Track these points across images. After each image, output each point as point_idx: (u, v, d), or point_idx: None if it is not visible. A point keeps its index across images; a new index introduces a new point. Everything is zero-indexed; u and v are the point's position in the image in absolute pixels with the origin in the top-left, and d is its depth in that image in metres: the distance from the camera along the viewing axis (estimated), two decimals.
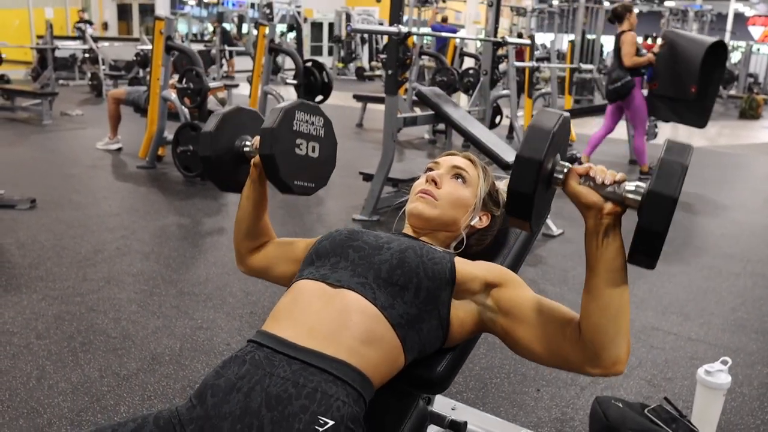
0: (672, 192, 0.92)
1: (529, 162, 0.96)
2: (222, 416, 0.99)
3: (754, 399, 2.27)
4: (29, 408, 1.99)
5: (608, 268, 1.02)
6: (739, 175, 6.76)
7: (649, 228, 0.95)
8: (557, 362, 1.10)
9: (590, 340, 1.04)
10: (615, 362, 1.03)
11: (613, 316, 1.02)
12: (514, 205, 0.99)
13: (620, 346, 1.03)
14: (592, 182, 1.01)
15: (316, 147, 1.41)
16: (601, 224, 1.01)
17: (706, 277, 3.48)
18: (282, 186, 1.35)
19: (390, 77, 4.24)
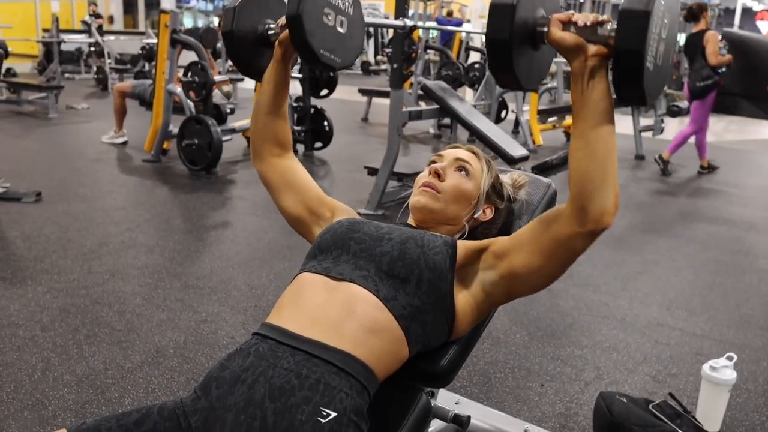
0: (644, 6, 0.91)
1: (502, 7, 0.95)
2: (226, 407, 1.00)
3: (760, 395, 2.26)
4: (34, 400, 1.99)
5: (594, 110, 1.01)
6: (745, 171, 6.72)
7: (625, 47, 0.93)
8: (555, 251, 1.09)
9: (578, 193, 1.03)
10: (602, 213, 1.01)
11: (599, 162, 1.01)
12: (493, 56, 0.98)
13: (607, 196, 1.01)
14: (574, 27, 1.00)
15: (344, 22, 1.34)
16: (586, 66, 1.00)
17: (712, 272, 3.47)
18: (307, 51, 1.26)
19: (395, 71, 4.22)
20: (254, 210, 4.25)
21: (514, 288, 1.17)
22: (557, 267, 1.11)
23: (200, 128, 5.01)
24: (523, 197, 1.42)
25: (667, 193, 5.28)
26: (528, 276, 1.13)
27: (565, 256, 1.09)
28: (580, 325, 2.71)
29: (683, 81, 13.87)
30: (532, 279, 1.14)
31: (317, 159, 5.98)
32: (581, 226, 1.03)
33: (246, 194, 4.68)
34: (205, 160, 5.03)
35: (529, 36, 1.01)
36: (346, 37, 1.34)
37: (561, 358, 2.44)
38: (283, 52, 1.32)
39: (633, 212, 4.64)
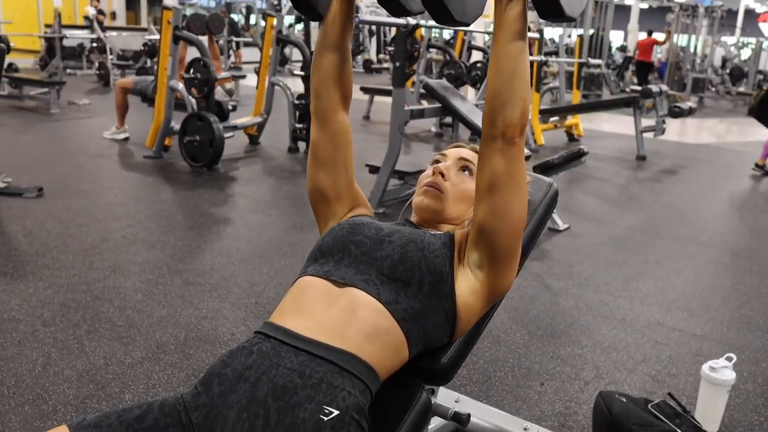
0: None
1: None
2: (228, 405, 1.00)
3: (758, 396, 2.26)
4: (35, 394, 2.00)
5: (507, 29, 1.07)
6: (747, 172, 6.72)
7: None
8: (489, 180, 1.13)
9: (489, 110, 1.11)
10: (507, 125, 1.09)
11: (506, 78, 1.08)
12: None
13: (514, 109, 1.09)
14: None
15: None
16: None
17: (713, 273, 3.47)
18: None
19: (398, 70, 4.23)
20: (255, 207, 4.25)
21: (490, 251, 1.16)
22: (501, 197, 1.13)
23: (202, 125, 5.01)
24: None
25: (668, 194, 5.28)
26: (487, 223, 1.14)
27: (497, 181, 1.12)
28: (580, 325, 2.72)
29: (685, 82, 13.87)
30: (491, 223, 1.14)
31: None
32: (493, 140, 1.11)
33: (247, 191, 4.68)
34: (207, 156, 5.03)
35: None
36: None
37: (561, 357, 2.44)
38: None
39: (634, 213, 4.64)
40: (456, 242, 1.21)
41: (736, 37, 18.66)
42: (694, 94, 13.56)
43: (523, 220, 1.16)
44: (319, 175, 1.35)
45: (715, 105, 14.01)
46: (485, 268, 1.18)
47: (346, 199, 1.37)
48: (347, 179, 1.37)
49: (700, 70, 14.59)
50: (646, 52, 14.28)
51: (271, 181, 5.04)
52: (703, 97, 13.85)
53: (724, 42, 17.02)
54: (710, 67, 15.08)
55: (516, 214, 1.14)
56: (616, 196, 5.26)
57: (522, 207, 1.15)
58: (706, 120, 11.30)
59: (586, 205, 4.81)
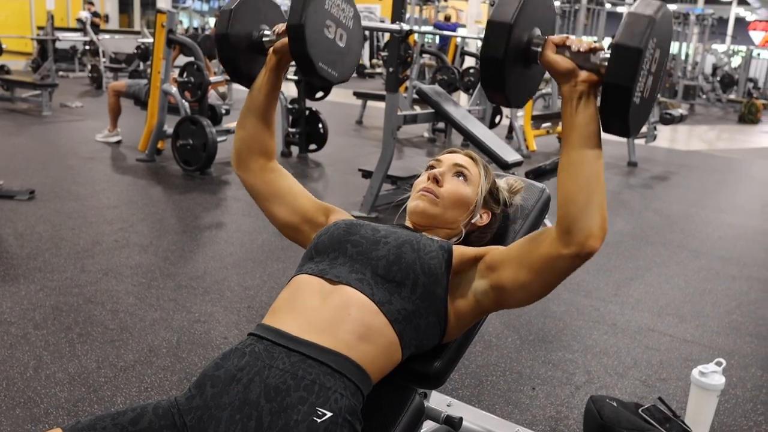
0: (636, 43, 0.90)
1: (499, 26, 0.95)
2: (221, 406, 1.00)
3: (748, 401, 2.28)
4: (26, 398, 1.99)
5: (581, 133, 1.01)
6: (736, 179, 6.77)
7: (614, 82, 0.93)
8: (541, 270, 1.07)
9: (563, 215, 1.03)
10: (587, 235, 1.00)
11: (584, 184, 1.01)
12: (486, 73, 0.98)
13: (593, 217, 1.01)
14: (568, 51, 1.01)
15: (344, 36, 1.32)
16: (576, 91, 1.01)
17: (703, 279, 3.50)
18: (306, 63, 1.24)
19: (391, 75, 4.24)
20: (248, 211, 4.25)
21: (502, 300, 1.16)
22: (543, 286, 1.10)
23: (195, 129, 5.01)
24: (518, 202, 1.44)
25: (659, 200, 5.32)
26: (514, 291, 1.12)
27: (551, 277, 1.08)
28: (571, 330, 2.73)
29: (676, 89, 13.97)
30: (519, 294, 1.13)
31: (311, 161, 5.99)
32: (566, 248, 1.02)
33: (240, 195, 4.68)
34: (200, 160, 5.02)
35: (523, 55, 1.01)
36: (345, 51, 1.33)
37: (552, 362, 2.45)
38: (277, 61, 1.30)
39: (625, 219, 4.67)
40: (456, 256, 1.20)
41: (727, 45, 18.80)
42: (685, 101, 13.65)
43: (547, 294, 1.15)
44: (272, 211, 1.37)
45: (705, 112, 14.12)
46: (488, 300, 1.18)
47: (313, 214, 1.37)
48: (301, 200, 1.37)
49: (690, 78, 14.70)
50: None
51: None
52: (694, 104, 13.95)
53: (715, 49, 17.14)
54: (701, 75, 15.20)
55: (547, 294, 1.13)
56: (607, 202, 5.28)
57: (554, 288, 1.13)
58: (696, 127, 11.39)
59: None
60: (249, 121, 1.35)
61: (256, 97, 1.34)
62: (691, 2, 19.57)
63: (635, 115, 0.98)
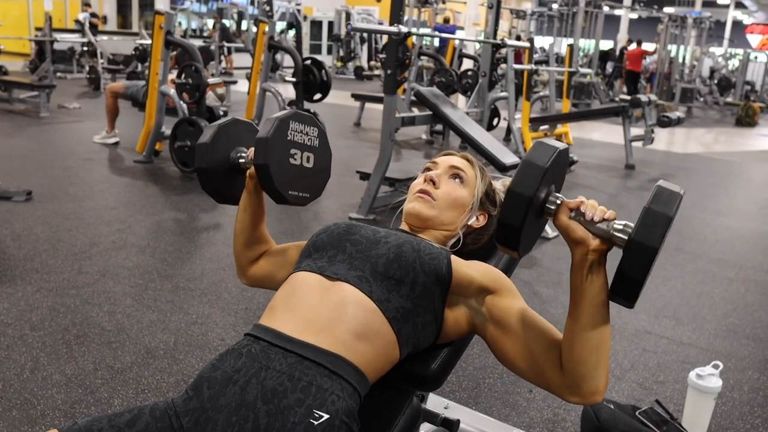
0: (653, 243, 0.94)
1: (520, 197, 0.97)
2: (218, 408, 1.00)
3: (744, 404, 2.28)
4: (23, 399, 1.99)
5: (591, 303, 1.02)
6: (734, 181, 6.78)
7: (628, 274, 0.96)
8: (538, 382, 1.12)
9: (571, 370, 1.05)
10: (593, 392, 1.05)
11: (594, 348, 1.03)
12: (503, 234, 1.00)
13: (599, 377, 1.04)
14: (582, 217, 1.02)
15: (311, 157, 1.41)
16: (587, 260, 1.01)
17: (700, 281, 3.50)
18: (277, 196, 1.35)
19: (389, 77, 4.24)
20: None
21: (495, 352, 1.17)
22: (535, 383, 1.13)
23: (193, 130, 5.01)
24: None
25: None
26: (508, 362, 1.15)
27: (546, 390, 1.12)
28: None
29: (674, 92, 14.00)
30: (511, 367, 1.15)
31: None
32: (571, 395, 1.07)
33: None
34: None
35: (538, 211, 1.03)
36: (314, 170, 1.42)
37: None
38: (255, 184, 1.37)
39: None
40: (459, 271, 1.18)
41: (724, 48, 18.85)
42: (683, 104, 13.68)
43: None
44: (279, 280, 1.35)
45: (703, 115, 14.15)
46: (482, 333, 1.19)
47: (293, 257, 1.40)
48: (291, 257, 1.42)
49: (688, 81, 14.73)
50: (636, 62, 14.41)
51: None
52: (692, 107, 13.98)
53: (712, 53, 17.19)
54: (698, 78, 15.23)
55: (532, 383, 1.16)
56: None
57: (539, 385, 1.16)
58: (694, 130, 11.41)
59: None
60: (240, 238, 1.44)
61: (242, 218, 1.43)
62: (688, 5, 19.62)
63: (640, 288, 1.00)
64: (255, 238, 1.44)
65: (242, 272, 1.48)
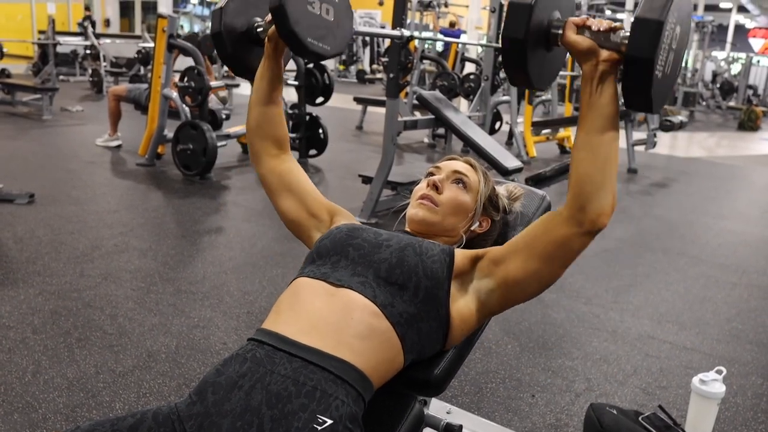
0: (657, 15, 0.92)
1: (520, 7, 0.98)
2: (222, 414, 1.00)
3: (748, 409, 2.27)
4: (24, 403, 1.98)
5: (600, 113, 1.03)
6: (736, 186, 6.77)
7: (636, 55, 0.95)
8: (553, 253, 1.10)
9: (578, 194, 1.06)
10: (599, 213, 1.05)
11: (601, 164, 1.04)
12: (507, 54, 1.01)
13: (606, 197, 1.04)
14: (588, 32, 1.03)
15: (330, 10, 1.33)
16: (597, 70, 1.02)
17: (703, 286, 3.49)
18: (295, 41, 1.25)
19: (391, 80, 4.25)
20: (248, 216, 4.25)
21: (510, 295, 1.17)
22: (555, 269, 1.13)
23: (195, 133, 5.01)
24: (517, 209, 1.43)
25: (659, 207, 5.32)
26: (525, 281, 1.14)
27: (563, 258, 1.11)
28: (571, 337, 2.73)
29: (676, 96, 13.99)
30: (529, 284, 1.14)
31: (311, 166, 5.99)
32: (579, 226, 1.06)
33: (240, 200, 4.68)
34: (200, 165, 5.02)
35: (544, 37, 1.04)
36: (334, 24, 1.33)
37: (552, 369, 2.45)
38: (273, 48, 1.32)
39: (625, 225, 4.67)
40: (456, 261, 1.21)
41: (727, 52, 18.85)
42: (685, 108, 13.68)
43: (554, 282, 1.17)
44: (280, 204, 1.39)
45: (705, 119, 14.14)
46: (494, 299, 1.19)
47: (319, 212, 1.38)
48: (310, 196, 1.39)
49: (690, 85, 14.72)
50: None
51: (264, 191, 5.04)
52: (694, 111, 13.97)
53: (715, 57, 17.18)
54: (701, 82, 15.22)
55: (555, 280, 1.16)
56: None
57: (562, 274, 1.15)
58: (696, 134, 11.40)
59: None
60: (256, 110, 1.39)
61: (259, 86, 1.37)
62: None
63: (658, 90, 1.00)
64: (271, 113, 1.39)
65: (256, 157, 1.41)
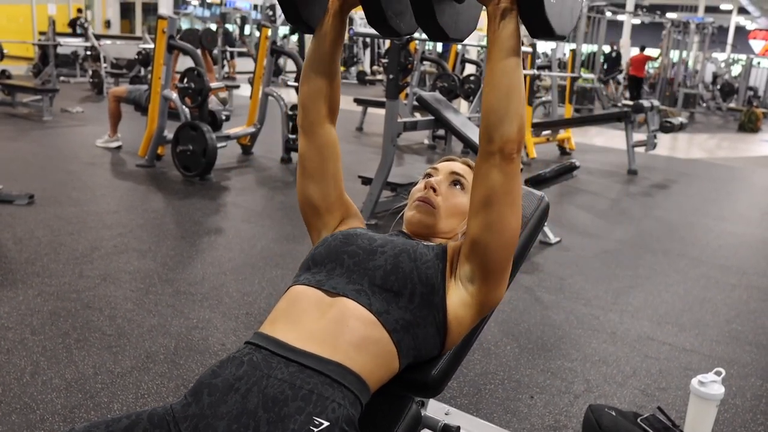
0: None
1: None
2: (218, 416, 1.00)
3: (747, 411, 2.27)
4: (22, 403, 1.98)
5: (501, 47, 1.09)
6: (737, 187, 6.77)
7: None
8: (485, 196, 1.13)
9: (486, 125, 1.11)
10: (506, 140, 1.10)
11: (503, 94, 1.09)
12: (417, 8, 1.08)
13: (510, 125, 1.09)
14: None
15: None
16: (499, 9, 1.08)
17: (703, 287, 3.49)
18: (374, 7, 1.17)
19: (391, 82, 4.25)
20: (247, 217, 4.25)
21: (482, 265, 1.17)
22: (496, 213, 1.13)
23: (195, 134, 5.01)
24: None
25: (659, 208, 5.31)
26: (480, 238, 1.15)
27: (494, 197, 1.13)
28: (570, 338, 2.72)
29: (676, 98, 13.99)
30: (485, 238, 1.15)
31: None
32: (491, 156, 1.11)
33: (239, 201, 4.68)
34: (200, 166, 5.02)
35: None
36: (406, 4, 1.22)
37: (551, 371, 2.44)
38: (341, 4, 1.27)
39: (625, 227, 4.66)
40: (448, 254, 1.22)
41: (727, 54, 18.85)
42: (685, 110, 13.67)
43: (516, 236, 1.17)
44: (308, 187, 1.36)
45: (705, 120, 14.13)
46: (476, 281, 1.18)
47: (336, 210, 1.37)
48: (337, 191, 1.37)
49: (691, 86, 14.72)
50: (639, 68, 14.41)
51: (264, 192, 5.04)
52: (694, 113, 13.97)
53: (715, 58, 17.18)
54: (701, 83, 15.22)
55: (510, 230, 1.15)
56: (607, 210, 5.29)
57: (516, 223, 1.16)
58: (696, 135, 11.40)
59: (577, 218, 4.83)
60: (314, 70, 1.30)
61: (320, 44, 1.29)
62: (691, 11, 19.63)
63: (555, 13, 1.06)
64: (329, 74, 1.30)
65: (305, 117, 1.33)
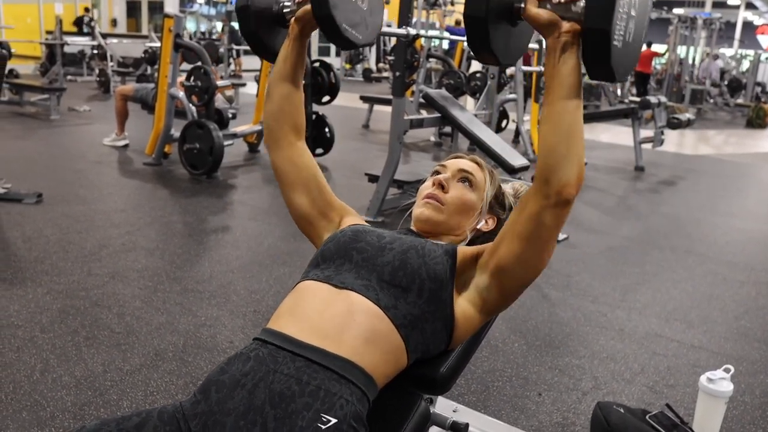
0: None
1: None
2: (226, 412, 1.00)
3: (756, 408, 2.26)
4: (33, 401, 2.00)
5: (562, 83, 1.04)
6: (744, 183, 6.73)
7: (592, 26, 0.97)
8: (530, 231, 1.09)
9: (543, 165, 1.06)
10: (564, 184, 1.04)
11: (564, 134, 1.04)
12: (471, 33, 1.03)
13: (570, 168, 1.04)
14: (549, 4, 1.05)
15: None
16: (559, 42, 1.04)
17: (711, 284, 3.48)
18: (330, 25, 1.23)
19: (398, 79, 4.24)
20: (254, 215, 4.26)
21: (503, 284, 1.16)
22: (536, 250, 1.11)
23: (202, 132, 5.02)
24: None
25: (666, 205, 5.30)
26: (512, 266, 1.13)
27: (540, 235, 1.09)
28: (578, 335, 2.72)
29: (683, 94, 13.93)
30: (516, 269, 1.13)
31: (318, 165, 6.00)
32: (546, 198, 1.06)
33: (246, 199, 4.69)
34: (206, 164, 5.04)
35: (506, 12, 1.06)
36: (367, 12, 1.31)
37: (559, 368, 2.44)
38: (300, 29, 1.30)
39: (632, 223, 4.65)
40: (459, 257, 1.20)
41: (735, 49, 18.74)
42: (693, 106, 13.61)
43: (544, 267, 1.15)
44: (294, 198, 1.37)
45: (713, 116, 14.07)
46: (493, 293, 1.18)
47: (330, 212, 1.38)
48: (324, 194, 1.38)
49: (698, 82, 14.65)
50: (645, 64, 14.36)
51: (271, 189, 5.04)
52: (702, 109, 13.91)
53: (723, 54, 17.09)
54: (708, 79, 15.15)
55: (542, 265, 1.14)
56: (614, 207, 5.27)
57: (549, 257, 1.13)
58: (704, 131, 11.34)
59: (585, 215, 4.82)
60: (276, 91, 1.35)
61: (282, 68, 1.34)
62: (698, 6, 19.53)
63: (619, 60, 1.02)
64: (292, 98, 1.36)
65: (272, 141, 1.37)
